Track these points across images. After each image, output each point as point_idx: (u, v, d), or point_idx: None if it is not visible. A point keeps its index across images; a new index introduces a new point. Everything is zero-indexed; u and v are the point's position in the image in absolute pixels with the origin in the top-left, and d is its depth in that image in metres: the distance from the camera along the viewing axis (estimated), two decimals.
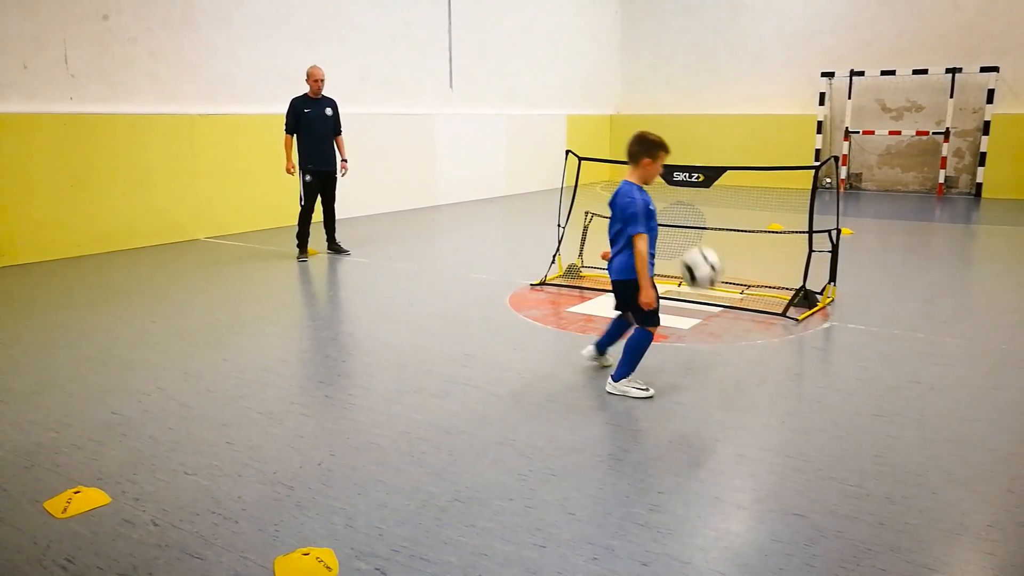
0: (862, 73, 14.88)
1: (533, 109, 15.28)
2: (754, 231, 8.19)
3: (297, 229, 8.32)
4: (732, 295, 6.49)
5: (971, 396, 4.27)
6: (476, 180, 13.95)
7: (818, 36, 15.48)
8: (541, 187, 15.05)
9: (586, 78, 16.92)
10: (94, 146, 8.41)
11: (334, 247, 8.61)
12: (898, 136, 14.97)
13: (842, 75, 15.13)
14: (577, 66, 16.52)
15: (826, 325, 5.67)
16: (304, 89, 8.26)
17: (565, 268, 7.18)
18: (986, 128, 13.90)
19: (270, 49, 10.10)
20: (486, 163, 14.22)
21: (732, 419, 3.99)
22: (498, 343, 5.30)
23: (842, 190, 15.26)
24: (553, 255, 7.22)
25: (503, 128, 14.49)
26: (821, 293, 6.24)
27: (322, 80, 8.15)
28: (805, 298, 6.00)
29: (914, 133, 14.73)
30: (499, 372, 4.67)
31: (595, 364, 4.71)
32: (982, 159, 14.00)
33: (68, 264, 8.03)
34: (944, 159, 14.37)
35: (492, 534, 2.86)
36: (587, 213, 7.49)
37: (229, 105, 9.72)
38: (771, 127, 15.89)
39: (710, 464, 3.45)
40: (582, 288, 6.82)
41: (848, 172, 15.55)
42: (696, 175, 6.25)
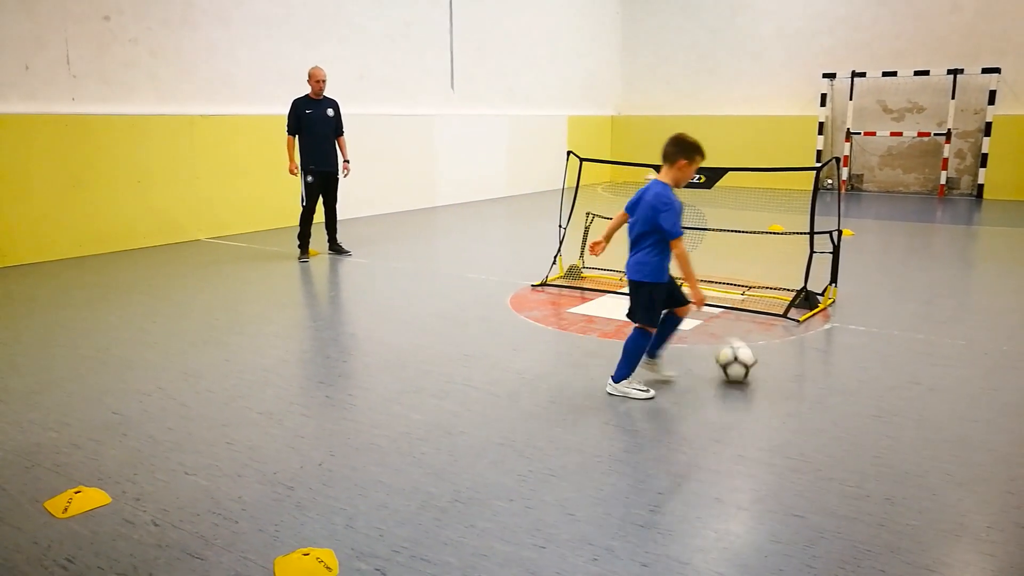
0: (863, 74, 14.87)
1: (534, 110, 15.28)
2: (755, 232, 8.19)
3: (298, 230, 8.33)
4: (733, 296, 6.49)
5: (971, 397, 4.27)
6: (477, 181, 13.95)
7: (818, 37, 15.48)
8: (542, 188, 15.05)
9: (586, 78, 16.92)
10: (94, 146, 8.42)
11: (335, 248, 8.61)
12: (899, 137, 14.97)
13: (843, 76, 15.13)
14: (577, 66, 16.52)
15: (827, 326, 5.67)
16: (305, 89, 8.27)
17: (566, 269, 7.18)
18: (987, 129, 13.89)
19: (270, 49, 10.11)
20: (487, 164, 14.22)
21: (732, 420, 3.99)
22: (498, 344, 5.30)
23: (843, 191, 15.26)
24: (554, 256, 7.22)
25: (504, 129, 14.49)
26: (822, 294, 6.24)
27: (324, 81, 8.15)
28: (806, 299, 6.00)
29: (915, 134, 14.73)
30: (499, 373, 4.67)
31: (655, 374, 4.46)
32: (983, 160, 14.00)
33: (68, 264, 8.04)
34: (945, 160, 14.36)
35: (492, 535, 2.86)
36: (588, 214, 7.50)
37: (229, 105, 9.72)
38: (772, 128, 15.89)
39: (710, 465, 3.45)
40: (583, 289, 6.82)
41: (849, 173, 15.55)
42: (697, 176, 6.23)
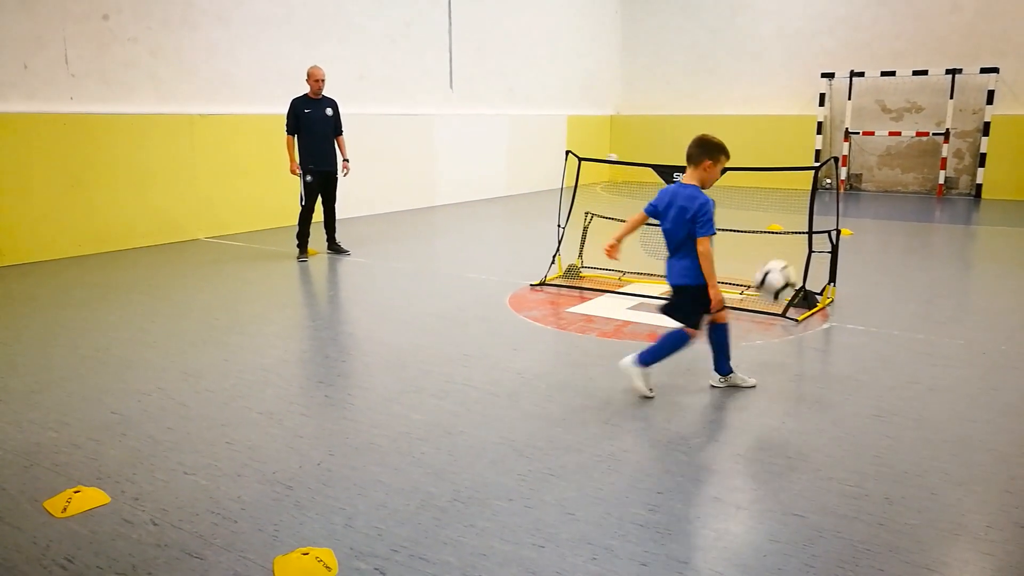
0: (862, 74, 14.88)
1: (533, 109, 15.28)
2: (754, 231, 8.19)
3: (297, 229, 8.33)
4: (732, 296, 6.48)
5: (970, 397, 4.27)
6: (476, 180, 13.95)
7: (818, 37, 15.48)
8: (541, 188, 15.05)
9: (586, 78, 16.92)
10: (94, 146, 8.41)
11: (334, 247, 8.61)
12: (898, 137, 14.97)
13: (842, 76, 15.13)
14: (577, 66, 16.52)
15: (826, 326, 5.67)
16: (304, 89, 8.27)
17: (565, 269, 7.18)
18: (986, 129, 13.90)
19: (270, 49, 10.11)
20: (486, 163, 14.22)
21: (731, 419, 4.00)
22: (498, 343, 5.30)
23: (842, 191, 15.26)
24: (553, 255, 7.22)
25: (503, 128, 14.49)
26: (821, 294, 6.25)
27: (322, 80, 8.15)
28: (805, 299, 6.00)
29: (914, 134, 14.73)
30: (498, 372, 4.67)
31: (740, 384, 4.39)
32: (982, 160, 14.01)
33: (68, 264, 8.04)
34: (944, 160, 14.37)
35: (491, 534, 2.86)
36: (587, 214, 7.50)
37: (229, 105, 9.72)
38: (771, 128, 15.89)
39: (709, 464, 3.46)
40: (582, 288, 6.83)
41: (848, 173, 15.56)
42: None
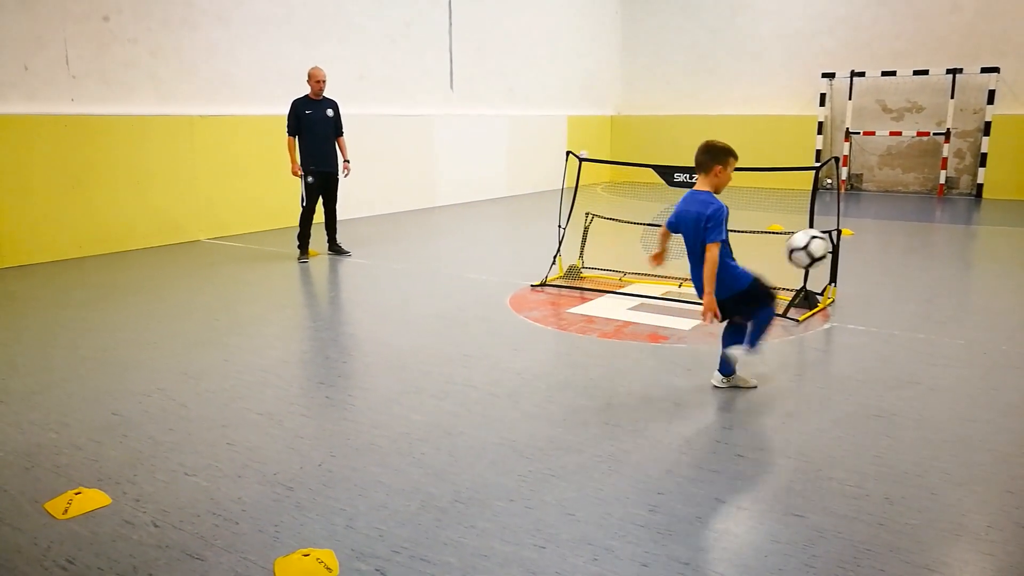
0: (863, 74, 14.87)
1: (533, 110, 15.28)
2: (755, 232, 8.18)
3: (298, 230, 8.33)
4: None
5: (970, 397, 4.27)
6: (476, 181, 13.95)
7: (818, 36, 15.48)
8: (541, 188, 15.05)
9: (586, 78, 16.92)
10: (94, 147, 8.41)
11: (335, 248, 8.61)
12: (899, 137, 14.97)
13: (843, 76, 15.13)
14: (577, 66, 16.52)
15: (826, 326, 5.67)
16: (305, 90, 8.27)
17: (565, 269, 7.18)
18: (987, 129, 13.89)
19: (270, 49, 10.11)
20: (486, 164, 14.22)
21: (732, 419, 4.00)
22: (498, 344, 5.30)
23: (843, 191, 15.26)
24: (554, 256, 7.22)
25: (503, 129, 14.49)
26: (821, 294, 6.25)
27: (323, 81, 8.16)
28: (805, 299, 6.01)
29: (915, 134, 14.73)
30: (499, 373, 4.67)
31: (743, 386, 4.37)
32: (983, 160, 14.00)
33: (68, 265, 8.04)
34: (945, 160, 14.37)
35: (492, 535, 2.86)
36: (588, 214, 7.50)
37: (229, 105, 9.72)
38: (772, 128, 15.88)
39: (710, 464, 3.46)
40: (582, 289, 6.82)
41: (849, 173, 15.55)
42: (695, 177, 6.23)
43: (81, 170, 8.33)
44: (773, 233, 8.99)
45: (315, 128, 8.16)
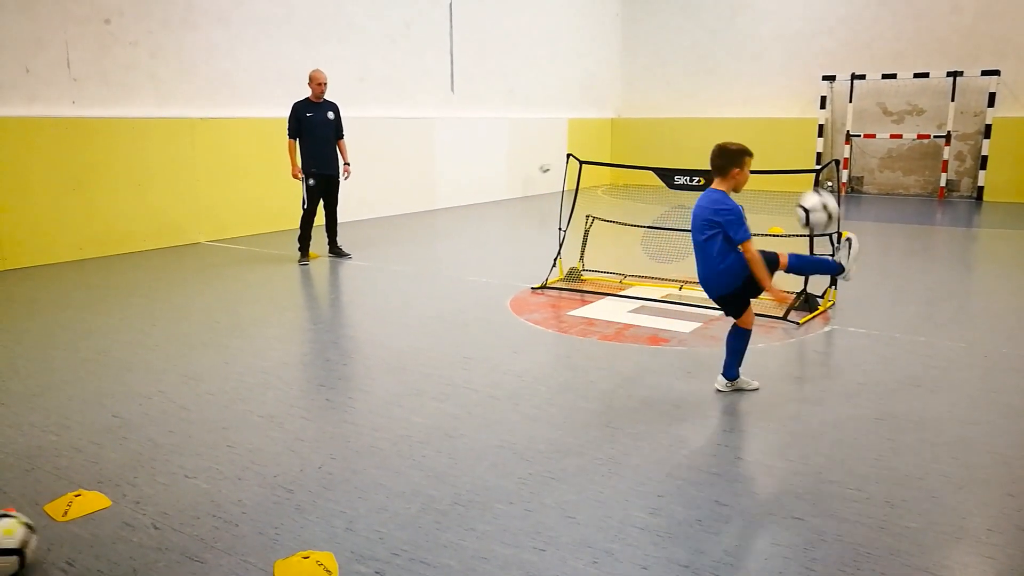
0: (863, 76, 14.88)
1: (534, 112, 15.29)
2: (756, 234, 8.18)
3: (299, 232, 8.33)
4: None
5: (971, 399, 4.27)
6: (477, 183, 13.95)
7: (818, 38, 15.48)
8: (542, 191, 15.06)
9: (586, 79, 16.93)
10: (95, 149, 8.42)
11: (335, 251, 8.62)
12: (899, 139, 14.97)
13: (843, 78, 15.13)
14: (577, 67, 16.52)
15: (827, 329, 5.67)
16: (305, 91, 8.28)
17: (566, 272, 7.18)
18: (987, 131, 13.89)
19: (270, 49, 10.12)
20: (487, 166, 14.23)
21: (732, 422, 3.99)
22: (498, 346, 5.30)
23: (843, 193, 15.25)
24: (554, 259, 7.23)
25: (504, 131, 14.50)
26: (822, 297, 6.24)
27: (324, 84, 8.16)
28: (806, 301, 6.00)
29: (915, 136, 14.73)
30: (499, 375, 4.67)
31: (746, 388, 4.36)
32: (983, 162, 14.00)
33: (68, 267, 8.04)
34: (945, 162, 14.36)
35: (492, 537, 2.86)
36: (588, 217, 7.50)
37: (229, 106, 9.72)
38: (772, 130, 15.87)
39: (710, 467, 3.45)
40: (583, 292, 6.82)
41: (849, 175, 15.54)
42: (697, 179, 6.25)
43: (82, 172, 8.34)
44: (774, 236, 8.99)
45: (316, 131, 8.16)
